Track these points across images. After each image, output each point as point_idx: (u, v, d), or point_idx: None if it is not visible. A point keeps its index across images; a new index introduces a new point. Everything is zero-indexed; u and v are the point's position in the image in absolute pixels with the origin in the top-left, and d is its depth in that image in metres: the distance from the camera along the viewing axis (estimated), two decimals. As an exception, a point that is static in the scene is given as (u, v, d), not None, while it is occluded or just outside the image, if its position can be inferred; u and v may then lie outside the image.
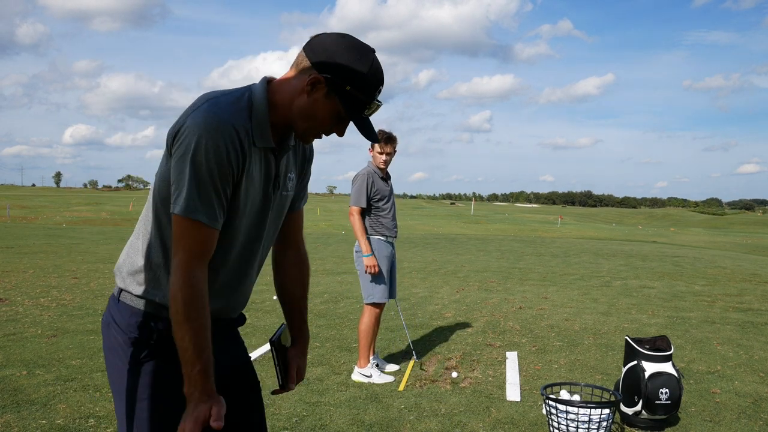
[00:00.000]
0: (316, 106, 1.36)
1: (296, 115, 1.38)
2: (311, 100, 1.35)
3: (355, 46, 1.36)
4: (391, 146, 4.36)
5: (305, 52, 1.37)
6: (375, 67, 1.36)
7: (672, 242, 30.25)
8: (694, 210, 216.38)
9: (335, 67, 1.32)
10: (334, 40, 1.36)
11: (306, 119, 1.38)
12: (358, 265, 4.39)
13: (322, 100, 1.35)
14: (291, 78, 1.38)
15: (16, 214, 42.58)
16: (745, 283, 9.45)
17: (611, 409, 3.04)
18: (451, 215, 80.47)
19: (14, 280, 8.22)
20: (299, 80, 1.36)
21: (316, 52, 1.34)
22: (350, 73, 1.33)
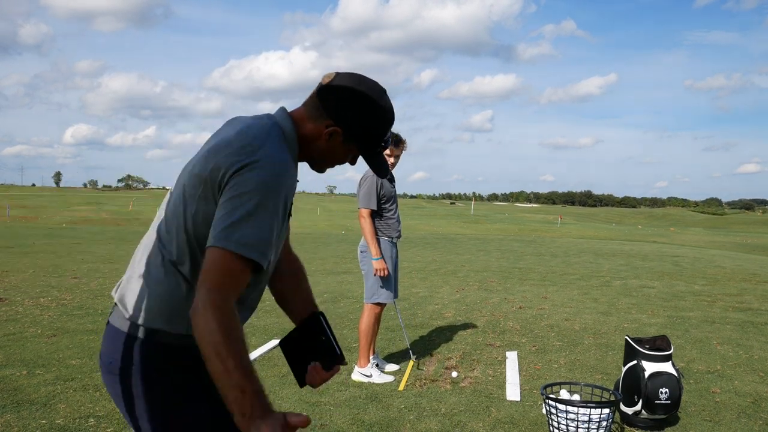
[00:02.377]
0: (334, 150, 1.46)
1: (314, 155, 1.47)
2: (329, 146, 1.44)
3: (369, 93, 1.42)
4: (400, 149, 4.36)
5: (321, 99, 1.42)
6: (388, 112, 1.46)
7: (672, 242, 30.26)
8: (694, 210, 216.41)
9: (352, 119, 1.41)
10: (348, 88, 1.41)
11: (323, 159, 1.49)
12: (363, 265, 4.39)
13: (340, 146, 1.45)
14: (307, 121, 1.43)
15: (16, 214, 42.59)
16: (745, 283, 9.46)
17: (611, 408, 3.04)
18: (451, 215, 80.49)
19: (14, 280, 8.22)
20: (316, 126, 1.42)
21: (333, 103, 1.40)
22: (366, 122, 1.43)
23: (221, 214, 1.26)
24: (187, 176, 1.38)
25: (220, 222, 1.26)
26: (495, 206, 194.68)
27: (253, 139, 1.33)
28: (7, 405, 3.49)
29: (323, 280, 9.07)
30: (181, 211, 1.35)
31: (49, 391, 3.74)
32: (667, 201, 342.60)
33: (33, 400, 3.58)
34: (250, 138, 1.34)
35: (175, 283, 1.36)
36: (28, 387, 3.81)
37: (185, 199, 1.36)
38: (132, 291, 1.40)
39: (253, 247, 1.25)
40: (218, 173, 1.30)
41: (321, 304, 6.97)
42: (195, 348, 1.23)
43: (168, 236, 1.37)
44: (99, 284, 8.04)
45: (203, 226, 1.31)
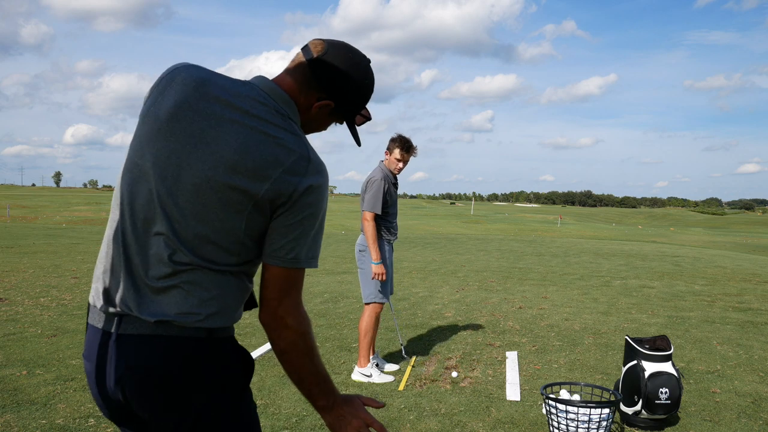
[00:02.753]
0: (320, 121, 1.47)
1: (307, 128, 1.48)
2: (316, 116, 1.45)
3: (360, 68, 1.43)
4: (410, 154, 4.37)
5: (313, 70, 1.39)
6: (372, 83, 1.48)
7: (672, 242, 30.26)
8: (694, 210, 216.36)
9: (345, 95, 1.43)
10: (342, 63, 1.40)
11: (307, 129, 1.48)
12: (360, 264, 4.39)
13: (325, 117, 1.46)
14: (298, 91, 1.40)
15: (16, 214, 42.60)
16: (745, 283, 9.45)
17: (611, 408, 3.04)
18: (451, 215, 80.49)
19: (14, 280, 8.22)
20: (307, 98, 1.41)
21: (327, 77, 1.39)
22: (356, 98, 1.45)
23: (293, 236, 1.32)
24: (218, 184, 1.27)
25: (295, 245, 1.33)
26: (495, 206, 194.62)
27: (300, 151, 1.33)
28: (7, 405, 3.49)
29: (323, 280, 9.07)
30: (224, 223, 1.29)
31: (49, 391, 3.74)
32: (667, 201, 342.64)
33: (33, 400, 3.58)
34: (295, 150, 1.32)
35: (227, 283, 1.34)
36: (28, 387, 3.81)
37: (224, 210, 1.28)
38: (173, 298, 1.30)
39: (317, 259, 1.39)
40: (278, 196, 1.29)
41: (321, 304, 6.99)
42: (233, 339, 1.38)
43: (209, 247, 1.30)
44: (99, 284, 8.04)
45: (254, 235, 1.33)
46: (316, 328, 5.77)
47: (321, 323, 6.00)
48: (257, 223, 1.31)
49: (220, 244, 1.30)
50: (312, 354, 1.38)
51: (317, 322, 6.05)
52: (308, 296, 7.52)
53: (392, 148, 4.35)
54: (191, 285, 1.29)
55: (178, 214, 1.28)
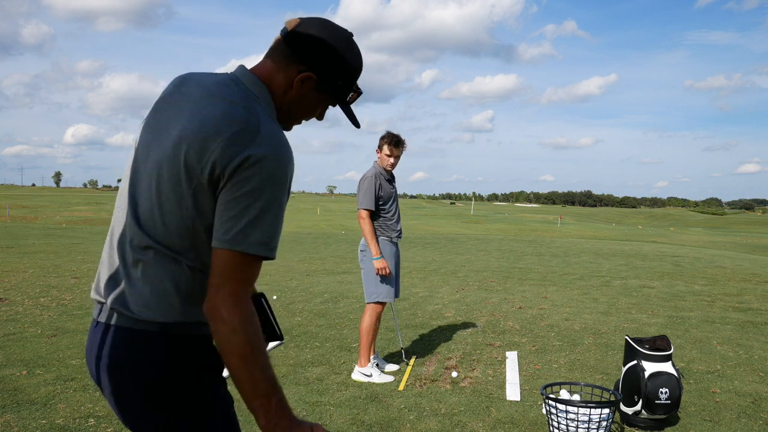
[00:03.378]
0: (306, 99, 1.38)
1: (285, 108, 1.39)
2: (300, 95, 1.37)
3: (340, 37, 1.36)
4: (400, 149, 4.38)
5: (290, 45, 1.34)
6: (359, 57, 1.40)
7: (672, 242, 30.27)
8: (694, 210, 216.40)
9: (325, 63, 1.34)
10: (318, 31, 1.34)
11: (294, 112, 1.40)
12: (363, 264, 4.39)
13: (312, 94, 1.37)
14: (276, 73, 1.35)
15: (16, 214, 42.60)
16: (745, 283, 9.45)
17: (611, 408, 3.04)
18: (451, 215, 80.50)
19: (14, 280, 8.22)
20: (287, 74, 1.35)
21: (305, 47, 1.33)
22: (340, 67, 1.36)
23: (232, 214, 1.21)
24: (167, 163, 1.26)
25: (233, 223, 1.20)
26: (495, 206, 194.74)
27: (246, 123, 1.24)
28: (7, 405, 3.49)
29: (323, 280, 9.07)
30: (173, 204, 1.26)
31: (49, 391, 3.74)
32: (667, 201, 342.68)
33: (33, 400, 3.58)
34: (241, 121, 1.24)
35: (180, 273, 1.29)
36: (28, 387, 3.81)
37: (173, 190, 1.26)
38: (133, 288, 1.30)
39: (268, 246, 1.23)
40: (215, 168, 1.21)
41: (321, 304, 6.99)
42: (209, 337, 1.27)
43: (161, 229, 1.28)
44: (99, 284, 8.03)
45: (204, 216, 1.26)
46: (316, 327, 5.76)
47: (321, 323, 6.00)
48: (204, 203, 1.24)
49: (170, 225, 1.26)
50: (247, 359, 1.17)
51: (317, 322, 6.05)
52: (308, 296, 7.52)
53: (381, 144, 4.38)
54: (147, 274, 1.28)
55: (140, 198, 1.31)
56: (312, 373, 4.34)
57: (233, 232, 1.20)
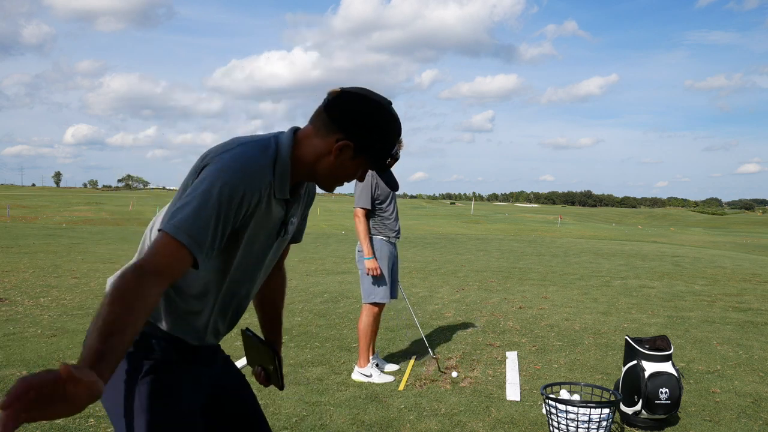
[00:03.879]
0: (344, 166, 1.43)
1: (322, 173, 1.44)
2: (338, 162, 1.41)
3: (377, 106, 1.40)
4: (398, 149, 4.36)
5: (328, 114, 1.39)
6: (397, 122, 1.43)
7: (672, 242, 30.26)
8: (694, 210, 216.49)
9: (363, 132, 1.38)
10: (356, 101, 1.39)
11: (333, 177, 1.45)
12: (359, 264, 4.38)
13: (350, 161, 1.42)
14: (314, 137, 1.41)
15: (16, 214, 42.58)
16: (745, 283, 9.45)
17: (611, 408, 3.04)
18: (451, 215, 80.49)
19: (14, 280, 8.22)
20: (325, 142, 1.40)
21: (343, 116, 1.38)
22: (376, 134, 1.39)
23: (176, 202, 1.34)
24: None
25: (173, 209, 1.29)
26: (495, 206, 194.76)
27: (225, 145, 1.38)
28: (7, 405, 3.49)
29: (323, 280, 9.07)
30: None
31: (49, 391, 3.74)
32: (667, 201, 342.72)
33: (33, 400, 3.57)
34: (225, 143, 1.39)
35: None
36: (28, 387, 3.81)
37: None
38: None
39: (182, 230, 1.23)
40: (196, 170, 1.36)
41: (321, 304, 6.98)
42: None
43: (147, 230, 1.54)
44: (99, 284, 8.03)
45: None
46: (316, 327, 5.76)
47: (321, 323, 6.00)
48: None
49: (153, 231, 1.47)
50: (112, 305, 1.10)
51: (317, 322, 6.05)
52: (308, 296, 7.52)
53: None
54: None
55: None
56: (312, 373, 4.34)
57: (169, 215, 1.28)
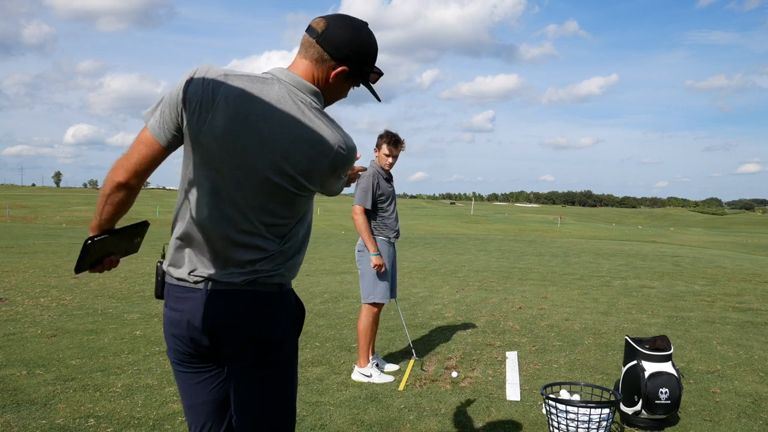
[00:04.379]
0: (339, 87, 1.67)
1: (325, 96, 1.66)
2: (336, 85, 1.65)
3: (361, 31, 1.62)
4: (398, 149, 4.37)
5: (323, 46, 1.59)
6: (375, 40, 1.66)
7: (672, 242, 30.26)
8: (694, 210, 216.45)
9: (355, 57, 1.61)
10: (345, 31, 1.60)
11: (331, 98, 1.68)
12: (359, 264, 4.38)
13: (343, 83, 1.66)
14: (311, 69, 1.62)
15: (16, 214, 42.57)
16: (745, 283, 9.45)
17: (611, 408, 3.04)
18: (451, 215, 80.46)
19: (14, 280, 8.22)
20: (321, 71, 1.62)
21: (336, 46, 1.59)
22: (365, 57, 1.63)
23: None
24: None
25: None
26: (495, 206, 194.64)
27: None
28: (7, 405, 3.49)
29: (323, 280, 9.07)
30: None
31: (49, 391, 3.74)
32: (667, 201, 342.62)
33: (33, 400, 3.58)
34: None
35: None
36: (28, 387, 3.81)
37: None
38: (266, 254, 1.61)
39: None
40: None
41: (321, 304, 6.99)
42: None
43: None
44: (99, 284, 8.04)
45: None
46: (316, 327, 5.76)
47: (321, 323, 6.00)
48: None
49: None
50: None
51: (317, 322, 6.05)
52: (308, 296, 7.52)
53: (380, 143, 4.36)
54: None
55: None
56: (312, 373, 4.34)
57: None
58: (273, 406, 1.68)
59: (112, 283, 8.10)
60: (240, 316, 1.60)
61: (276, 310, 1.64)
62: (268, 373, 1.66)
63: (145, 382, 3.98)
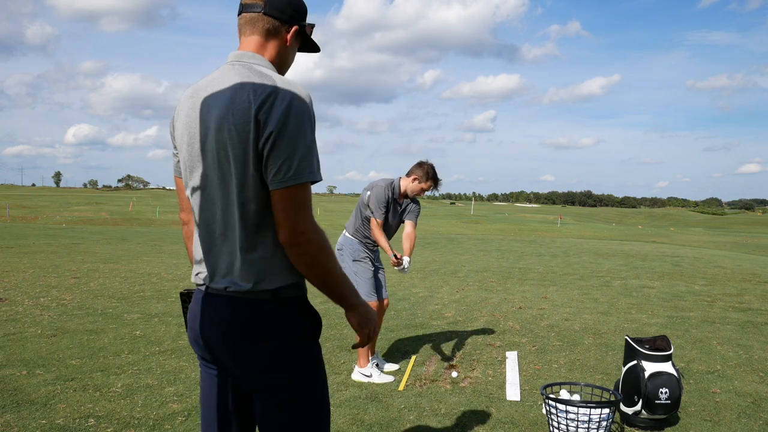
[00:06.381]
0: (293, 50, 1.67)
1: (285, 66, 1.67)
2: (291, 48, 1.65)
3: None
4: (432, 186, 4.43)
5: (271, 15, 1.58)
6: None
7: (672, 242, 30.25)
8: (694, 210, 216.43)
9: (299, 14, 1.63)
10: None
11: (286, 67, 1.67)
12: (342, 264, 4.43)
13: (294, 44, 1.66)
14: (261, 43, 1.60)
15: (16, 214, 42.57)
16: (745, 283, 9.45)
17: (611, 408, 3.04)
18: (451, 215, 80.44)
19: (14, 280, 8.22)
20: (275, 41, 1.61)
21: (281, 10, 1.59)
22: (304, 10, 1.65)
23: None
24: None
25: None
26: (495, 206, 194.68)
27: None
28: (7, 405, 3.49)
29: (323, 280, 9.06)
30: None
31: (49, 391, 3.74)
32: (667, 201, 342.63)
33: (33, 400, 3.58)
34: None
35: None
36: (28, 387, 3.81)
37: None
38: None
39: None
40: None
41: (321, 305, 6.98)
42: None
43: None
44: (99, 284, 8.04)
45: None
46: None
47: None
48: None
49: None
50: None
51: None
52: (308, 296, 7.50)
53: (424, 178, 4.38)
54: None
55: None
56: (312, 373, 4.33)
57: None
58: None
59: (112, 283, 8.10)
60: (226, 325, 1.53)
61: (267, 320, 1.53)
62: (269, 402, 1.54)
63: (145, 382, 3.98)
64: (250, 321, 1.48)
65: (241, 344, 1.49)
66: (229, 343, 1.50)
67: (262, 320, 1.49)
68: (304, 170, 1.42)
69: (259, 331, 1.48)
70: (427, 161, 4.43)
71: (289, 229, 1.44)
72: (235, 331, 1.49)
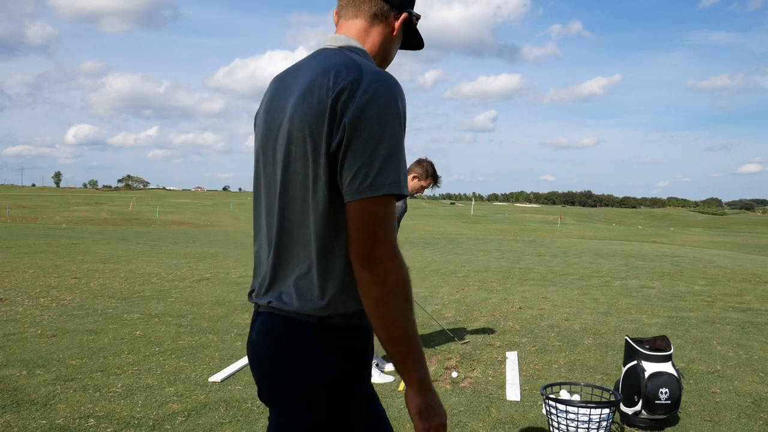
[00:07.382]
0: (398, 42, 1.42)
1: (389, 58, 1.43)
2: (397, 40, 1.41)
3: None
4: (432, 184, 4.45)
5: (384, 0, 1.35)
6: None
7: (672, 242, 30.25)
8: (694, 210, 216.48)
9: (409, 1, 1.39)
10: None
11: (390, 60, 1.44)
12: None
13: (400, 35, 1.42)
14: (365, 29, 1.36)
15: (16, 214, 42.57)
16: (745, 283, 9.45)
17: (611, 408, 3.04)
18: (451, 215, 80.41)
19: (14, 280, 8.22)
20: (383, 25, 1.36)
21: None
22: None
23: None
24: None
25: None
26: (495, 206, 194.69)
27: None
28: (7, 405, 3.49)
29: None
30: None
31: (49, 391, 3.74)
32: (667, 201, 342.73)
33: (33, 400, 3.58)
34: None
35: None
36: (28, 387, 3.81)
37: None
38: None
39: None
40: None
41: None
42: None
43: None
44: (99, 284, 8.04)
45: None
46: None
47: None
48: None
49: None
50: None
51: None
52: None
53: (423, 176, 4.38)
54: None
55: None
56: (312, 373, 4.33)
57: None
58: None
59: (112, 284, 8.10)
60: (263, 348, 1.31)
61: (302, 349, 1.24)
62: None
63: (145, 382, 3.98)
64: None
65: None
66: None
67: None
68: (386, 179, 1.13)
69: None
70: (426, 158, 4.42)
71: (360, 254, 1.14)
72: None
